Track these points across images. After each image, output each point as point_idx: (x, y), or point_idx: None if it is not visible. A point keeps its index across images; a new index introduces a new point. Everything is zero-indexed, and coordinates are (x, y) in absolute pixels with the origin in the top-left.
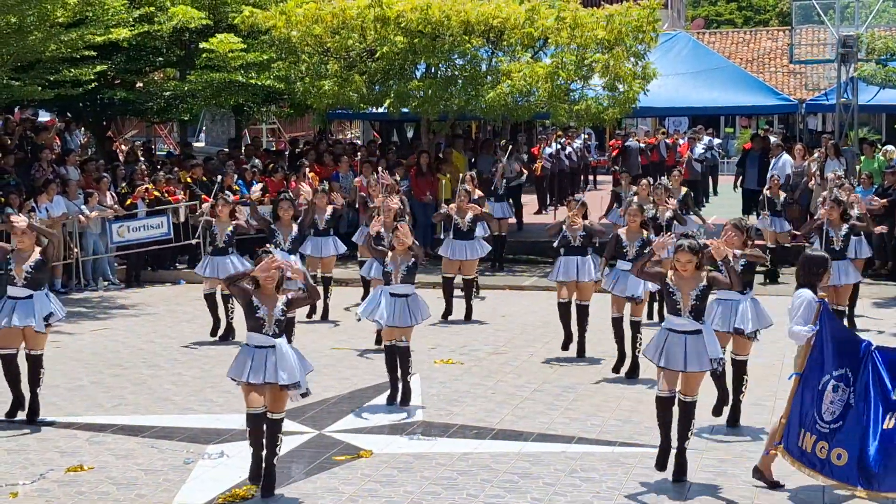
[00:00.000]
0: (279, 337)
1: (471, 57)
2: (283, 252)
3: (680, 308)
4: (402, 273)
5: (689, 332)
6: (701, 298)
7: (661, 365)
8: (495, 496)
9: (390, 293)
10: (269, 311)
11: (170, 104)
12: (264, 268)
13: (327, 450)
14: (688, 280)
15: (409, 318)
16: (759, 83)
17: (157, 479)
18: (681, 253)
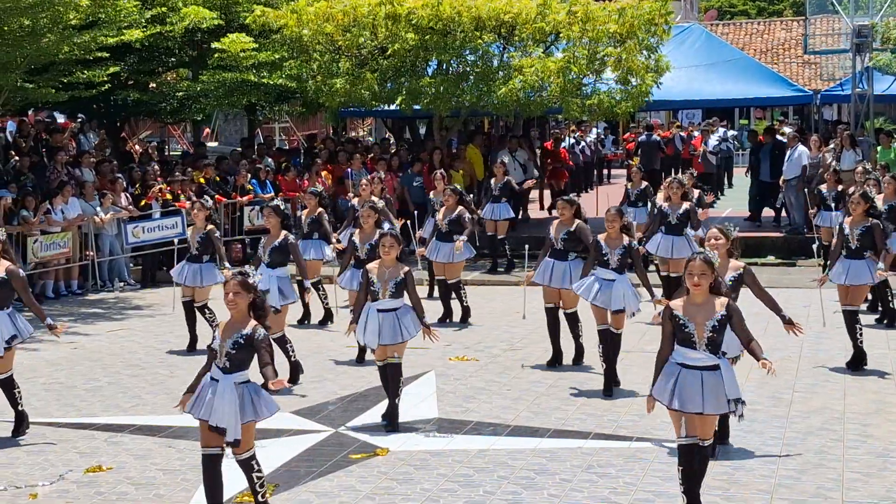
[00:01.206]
0: (229, 373)
1: (482, 53)
2: (263, 265)
3: (695, 341)
4: (390, 290)
5: (706, 367)
6: (718, 330)
7: (676, 408)
8: (512, 493)
9: (377, 309)
10: (221, 342)
11: (183, 104)
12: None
13: (343, 448)
14: (702, 308)
15: (399, 332)
16: (774, 74)
17: (176, 479)
18: (693, 266)
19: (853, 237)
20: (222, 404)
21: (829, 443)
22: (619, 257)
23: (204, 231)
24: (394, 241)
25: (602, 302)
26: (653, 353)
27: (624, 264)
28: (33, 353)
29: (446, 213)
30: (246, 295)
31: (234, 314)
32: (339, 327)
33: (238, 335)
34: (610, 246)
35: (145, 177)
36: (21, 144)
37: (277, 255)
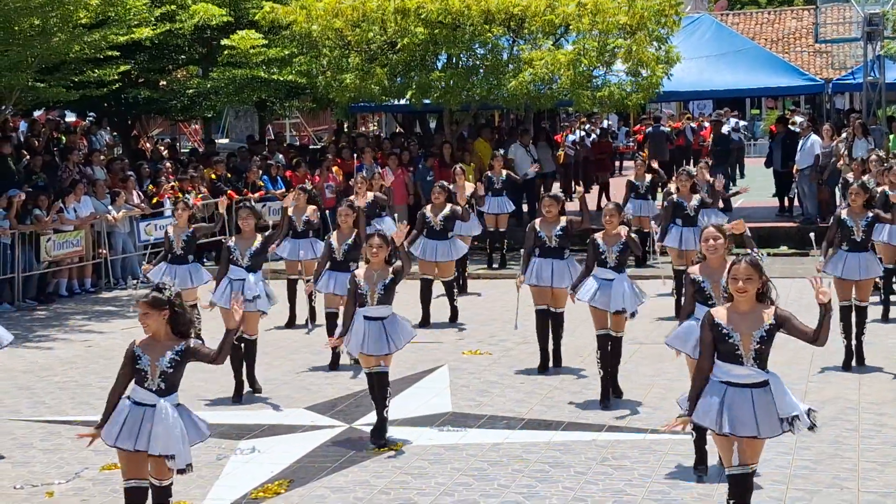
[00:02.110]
0: (164, 395)
1: (492, 46)
2: (241, 269)
3: (740, 354)
4: (378, 293)
5: (755, 385)
6: (766, 341)
7: (727, 432)
8: (527, 486)
9: (364, 316)
10: (151, 360)
11: (193, 102)
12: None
13: (358, 443)
14: (747, 316)
15: (386, 344)
16: (785, 64)
17: (191, 476)
18: (737, 269)
19: (858, 229)
20: (166, 430)
21: (844, 433)
22: (617, 254)
23: (188, 231)
24: (382, 242)
25: (601, 303)
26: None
27: (623, 261)
28: (47, 352)
29: (437, 211)
30: (157, 313)
31: (153, 333)
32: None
33: (173, 352)
34: (607, 243)
35: (157, 174)
36: (34, 144)
37: (257, 259)
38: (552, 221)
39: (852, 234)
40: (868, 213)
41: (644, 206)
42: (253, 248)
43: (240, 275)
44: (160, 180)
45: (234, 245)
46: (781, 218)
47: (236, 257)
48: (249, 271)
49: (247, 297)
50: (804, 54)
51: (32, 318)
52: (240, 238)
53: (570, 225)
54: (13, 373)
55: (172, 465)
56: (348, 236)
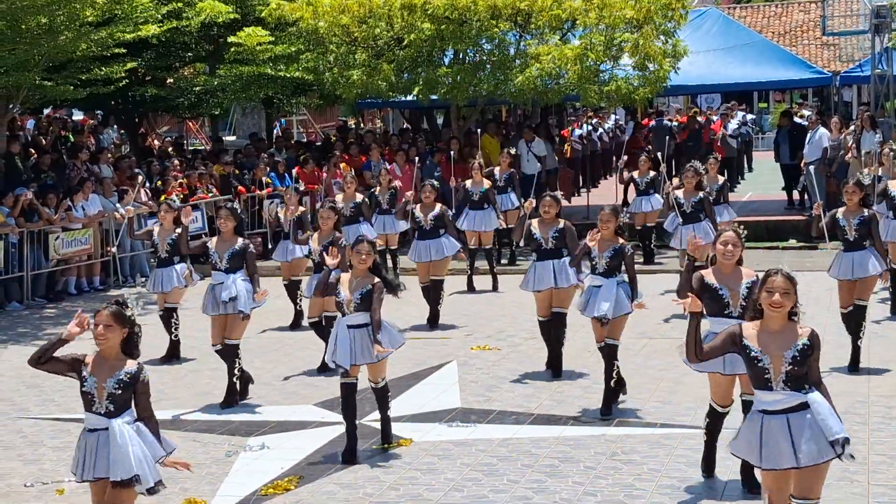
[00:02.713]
0: (115, 416)
1: (499, 41)
2: (221, 273)
3: (770, 378)
4: (354, 302)
5: (791, 409)
6: (800, 362)
7: (767, 467)
8: (536, 481)
9: (347, 325)
10: (98, 382)
11: (200, 99)
12: (74, 328)
13: (367, 439)
14: (779, 336)
15: (374, 351)
16: (792, 57)
17: (201, 473)
18: (773, 282)
19: (850, 228)
20: (124, 452)
21: (854, 426)
22: (607, 260)
23: (173, 234)
24: (370, 249)
25: (592, 312)
26: (677, 338)
27: (614, 267)
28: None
29: (427, 210)
30: (120, 329)
31: (105, 350)
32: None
33: (120, 374)
34: (599, 249)
35: (165, 172)
36: (41, 142)
37: (236, 261)
38: (550, 223)
39: (845, 234)
40: (863, 211)
41: (645, 203)
42: (232, 250)
43: (219, 278)
44: (168, 178)
45: (212, 249)
46: (790, 211)
47: (215, 261)
48: (228, 273)
49: (223, 300)
50: (812, 47)
51: (42, 317)
52: (219, 240)
53: (565, 230)
54: (22, 371)
55: (140, 487)
56: (328, 238)
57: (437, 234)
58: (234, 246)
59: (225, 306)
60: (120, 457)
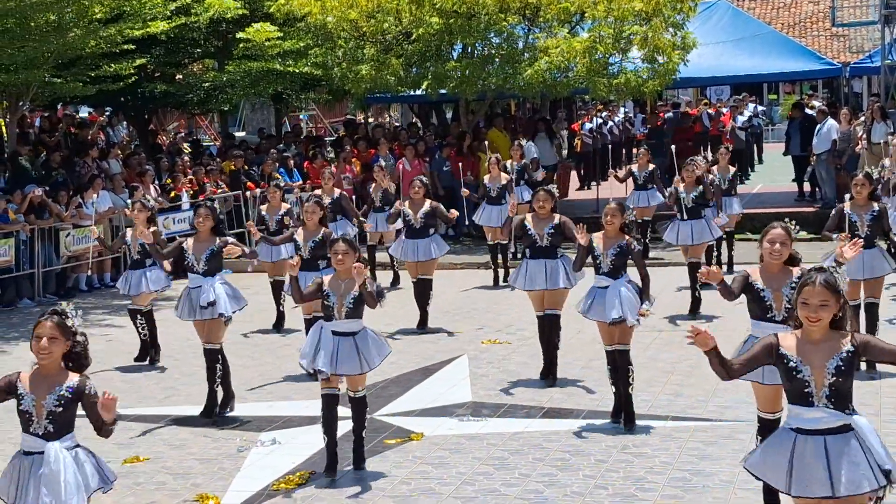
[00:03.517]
0: (54, 438)
1: (507, 35)
2: (198, 276)
3: (810, 392)
4: (346, 307)
5: (831, 430)
6: (844, 373)
7: (797, 495)
8: (548, 475)
9: (332, 331)
10: (37, 399)
11: (209, 95)
12: None
13: (378, 434)
14: (821, 347)
15: (360, 362)
16: (802, 48)
17: (212, 468)
18: (810, 292)
19: (863, 224)
20: (56, 480)
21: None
22: (612, 259)
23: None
24: (347, 248)
25: (597, 314)
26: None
27: (620, 266)
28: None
29: (416, 208)
30: (63, 341)
31: (46, 364)
32: (374, 313)
33: (61, 389)
34: (603, 246)
35: (174, 168)
36: (46, 140)
37: (214, 262)
38: (544, 218)
39: (856, 230)
40: (873, 206)
41: (643, 197)
42: (210, 250)
43: (196, 282)
44: (177, 174)
45: (188, 251)
46: (800, 203)
47: (191, 262)
48: (206, 276)
49: (201, 305)
50: (821, 38)
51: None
52: (195, 241)
53: (563, 225)
54: None
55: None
56: (315, 233)
57: (426, 233)
58: (211, 246)
59: (202, 311)
60: (52, 485)
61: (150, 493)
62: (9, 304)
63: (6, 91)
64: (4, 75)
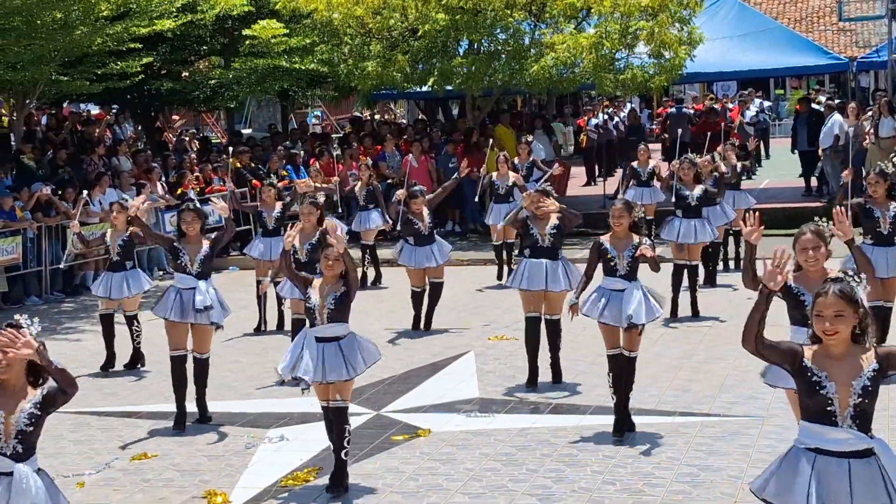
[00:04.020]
0: (23, 459)
1: (513, 31)
2: (191, 277)
3: (834, 411)
4: (328, 309)
5: (855, 454)
6: (871, 393)
7: None
8: (555, 470)
9: (316, 337)
10: (6, 417)
11: (216, 92)
12: None
13: (386, 430)
14: (843, 363)
15: (345, 368)
16: (809, 43)
17: (220, 465)
18: (823, 303)
19: (885, 221)
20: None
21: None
22: (628, 260)
23: (125, 235)
24: (338, 256)
25: (611, 318)
26: (695, 327)
27: (634, 268)
28: (76, 344)
29: (422, 217)
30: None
31: (9, 379)
32: (384, 310)
33: (31, 405)
34: (617, 248)
35: (181, 165)
36: (52, 138)
37: (207, 265)
38: (544, 218)
39: (878, 227)
40: (891, 204)
41: (645, 194)
42: (202, 253)
43: (188, 283)
44: (184, 171)
45: (182, 248)
46: (808, 198)
47: (185, 263)
48: (199, 279)
49: (196, 308)
50: (828, 33)
51: (60, 311)
52: (185, 243)
53: (563, 223)
54: None
55: None
56: (312, 235)
57: (433, 240)
58: (204, 249)
59: (197, 315)
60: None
61: (159, 489)
62: (16, 302)
63: (13, 89)
64: (11, 73)
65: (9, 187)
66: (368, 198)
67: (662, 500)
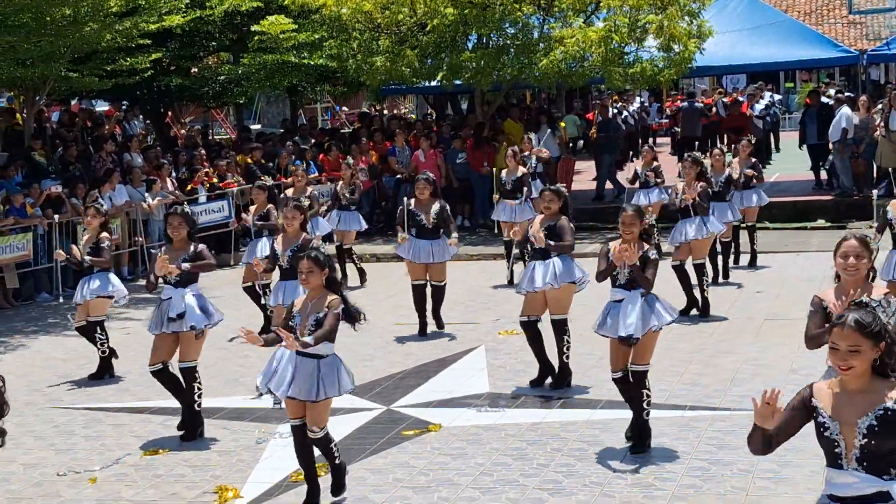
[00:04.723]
0: None
1: (522, 25)
2: (170, 287)
3: (840, 453)
4: (308, 328)
5: (867, 499)
6: (881, 434)
7: None
8: (566, 465)
9: (297, 352)
10: None
11: (225, 88)
12: None
13: (396, 425)
14: (856, 398)
15: (317, 388)
16: (819, 36)
17: (231, 460)
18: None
19: None
20: None
21: None
22: (629, 270)
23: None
24: (313, 266)
25: (610, 330)
26: (705, 321)
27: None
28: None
29: (425, 207)
30: None
31: None
32: (394, 305)
33: None
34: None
35: (191, 161)
36: (65, 134)
37: (187, 273)
38: (549, 218)
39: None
40: None
41: (644, 196)
42: (184, 258)
43: (168, 292)
44: (194, 167)
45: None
46: (818, 191)
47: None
48: (178, 287)
49: (169, 316)
50: (838, 25)
51: (71, 307)
52: (170, 250)
53: (558, 227)
54: (53, 361)
55: None
56: (295, 240)
57: (437, 234)
58: (186, 254)
59: (170, 324)
60: None
61: (170, 484)
62: (27, 299)
63: (22, 85)
64: (21, 70)
65: (19, 184)
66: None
67: (673, 494)
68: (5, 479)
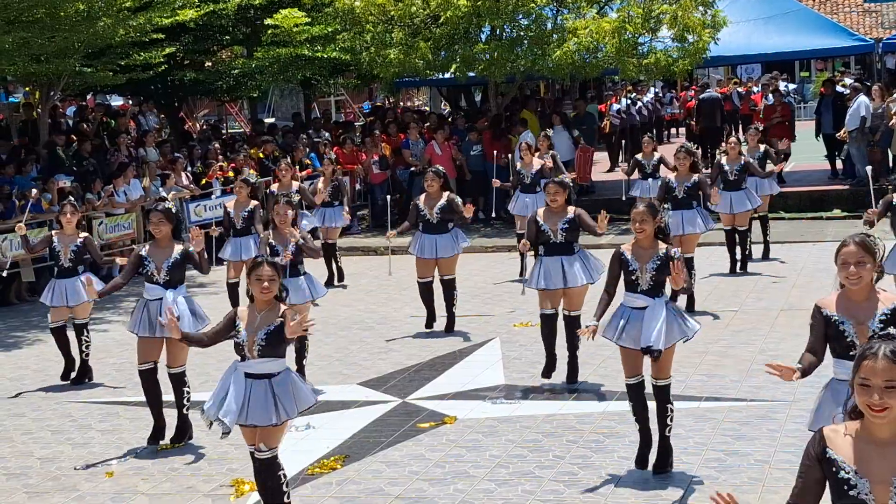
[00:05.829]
0: None
1: (535, 16)
2: (158, 287)
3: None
4: (258, 344)
5: None
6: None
7: None
8: (581, 456)
9: (245, 373)
10: None
11: (238, 82)
12: None
13: (412, 417)
14: (889, 447)
15: (274, 410)
16: (834, 24)
17: (247, 453)
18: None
19: None
20: None
21: None
22: (652, 274)
23: (78, 241)
24: (273, 274)
25: (631, 341)
26: (721, 310)
27: (660, 282)
28: (103, 335)
29: (432, 201)
30: None
31: None
32: (411, 298)
33: None
34: (639, 259)
35: (206, 155)
36: (83, 129)
37: (177, 272)
38: (558, 212)
39: None
40: None
41: (652, 188)
42: (171, 259)
43: (156, 293)
44: (209, 161)
45: (147, 257)
46: (833, 181)
47: (151, 271)
48: (167, 288)
49: (161, 321)
50: (853, 14)
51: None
52: (154, 247)
53: (578, 218)
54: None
55: None
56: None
57: (444, 229)
58: (174, 254)
59: (161, 329)
60: None
61: (186, 478)
62: None
63: (37, 81)
64: (35, 65)
65: (34, 179)
66: (333, 193)
67: (689, 485)
68: (23, 474)
